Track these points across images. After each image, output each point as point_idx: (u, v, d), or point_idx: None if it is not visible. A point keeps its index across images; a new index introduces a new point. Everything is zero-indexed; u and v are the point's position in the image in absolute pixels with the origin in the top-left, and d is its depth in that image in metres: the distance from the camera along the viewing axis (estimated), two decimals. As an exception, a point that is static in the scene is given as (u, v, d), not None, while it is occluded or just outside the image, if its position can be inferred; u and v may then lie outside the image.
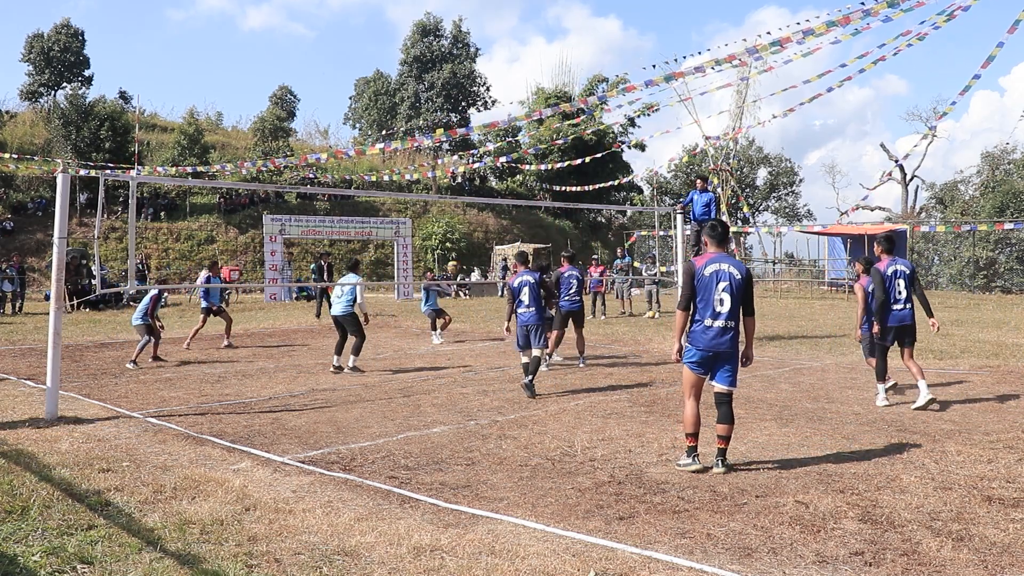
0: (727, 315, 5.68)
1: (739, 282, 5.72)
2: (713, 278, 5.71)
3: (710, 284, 5.70)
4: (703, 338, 5.71)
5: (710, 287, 5.70)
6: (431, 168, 29.85)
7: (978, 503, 4.98)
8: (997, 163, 38.98)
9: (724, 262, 5.77)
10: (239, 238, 37.86)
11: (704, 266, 5.76)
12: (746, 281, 5.75)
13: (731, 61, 12.01)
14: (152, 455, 6.27)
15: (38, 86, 47.77)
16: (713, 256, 5.82)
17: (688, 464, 5.76)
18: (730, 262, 5.79)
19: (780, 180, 57.70)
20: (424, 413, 8.12)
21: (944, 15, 10.96)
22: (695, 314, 5.79)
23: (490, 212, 45.75)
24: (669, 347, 14.04)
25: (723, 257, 5.83)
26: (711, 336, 5.68)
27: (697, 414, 5.85)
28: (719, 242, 5.91)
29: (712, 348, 5.71)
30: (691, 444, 5.82)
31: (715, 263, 5.77)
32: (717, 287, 5.69)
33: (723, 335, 5.69)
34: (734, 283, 5.70)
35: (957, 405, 8.31)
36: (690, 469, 5.72)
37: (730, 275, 5.71)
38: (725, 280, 5.70)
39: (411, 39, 55.55)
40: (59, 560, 4.02)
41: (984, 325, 17.28)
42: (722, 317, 5.68)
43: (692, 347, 5.79)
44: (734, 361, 5.80)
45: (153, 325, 12.16)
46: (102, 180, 8.65)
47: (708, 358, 5.76)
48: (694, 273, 5.78)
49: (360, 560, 4.07)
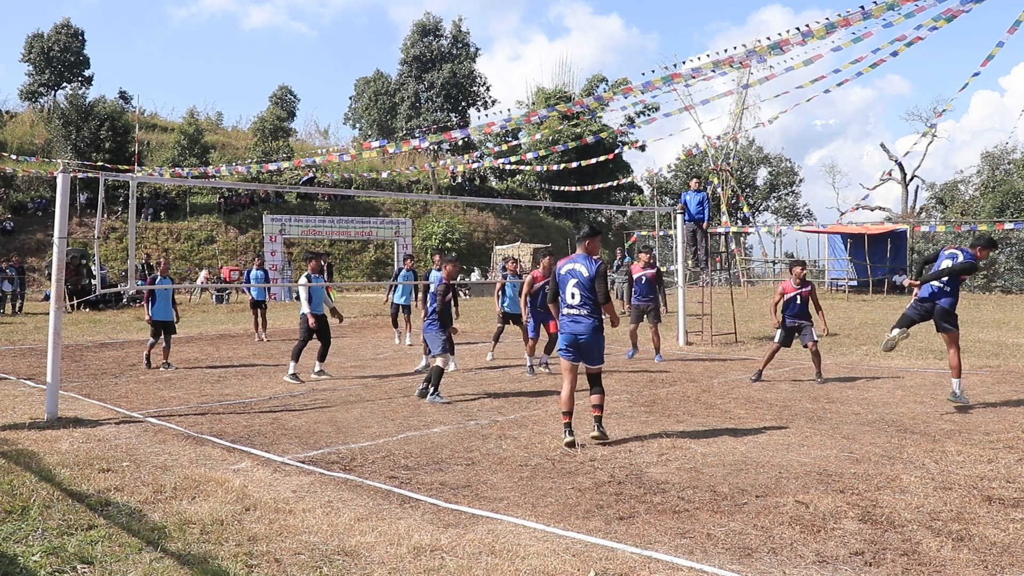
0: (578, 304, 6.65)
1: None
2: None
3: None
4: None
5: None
6: (431, 167, 29.86)
7: (978, 503, 4.98)
8: (997, 163, 38.97)
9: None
10: (239, 238, 37.86)
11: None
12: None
13: (730, 64, 11.98)
14: (152, 455, 6.27)
15: (38, 86, 47.81)
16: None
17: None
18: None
19: (780, 180, 57.73)
20: (424, 413, 8.12)
21: (944, 18, 10.94)
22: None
23: (490, 212, 45.76)
24: (669, 347, 14.10)
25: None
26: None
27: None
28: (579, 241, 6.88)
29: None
30: (566, 421, 6.64)
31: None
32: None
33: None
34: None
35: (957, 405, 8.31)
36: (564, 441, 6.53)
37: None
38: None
39: (411, 39, 55.57)
40: (59, 560, 4.02)
41: (984, 325, 17.28)
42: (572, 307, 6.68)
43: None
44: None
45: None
46: (102, 180, 8.63)
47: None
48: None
49: (360, 560, 4.07)
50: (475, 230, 44.11)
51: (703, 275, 16.24)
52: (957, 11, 10.72)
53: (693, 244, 14.80)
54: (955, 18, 10.94)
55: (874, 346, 13.13)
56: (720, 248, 19.61)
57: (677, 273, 15.91)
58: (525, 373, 10.96)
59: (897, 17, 10.64)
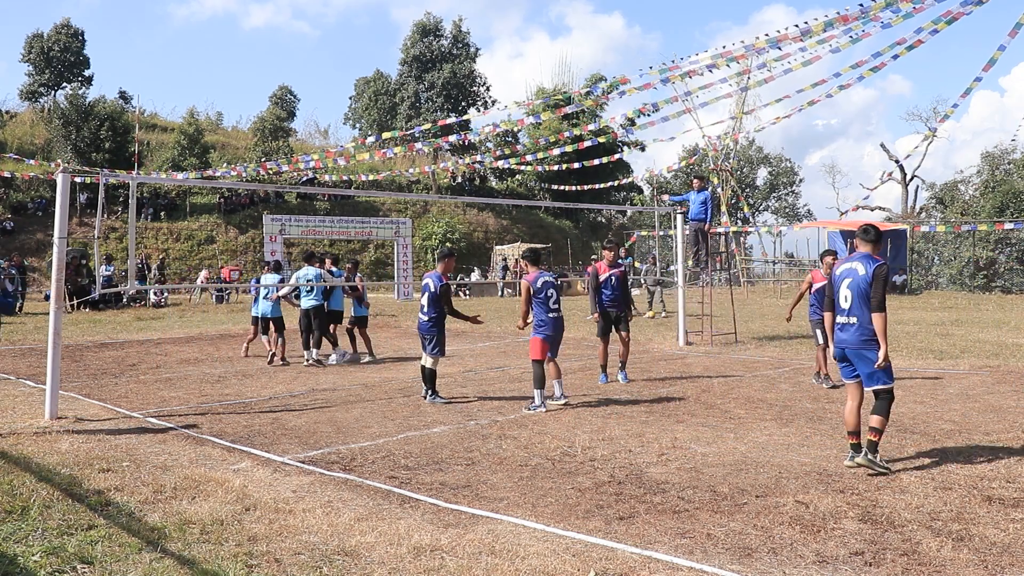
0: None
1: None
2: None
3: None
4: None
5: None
6: (431, 169, 29.85)
7: (978, 503, 4.98)
8: (997, 163, 38.94)
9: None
10: (239, 238, 37.86)
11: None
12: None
13: (727, 58, 11.97)
14: (152, 455, 6.27)
15: (38, 86, 47.77)
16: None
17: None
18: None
19: (780, 180, 57.75)
20: (424, 413, 8.12)
21: (944, 20, 10.94)
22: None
23: (490, 212, 45.75)
24: (669, 347, 14.10)
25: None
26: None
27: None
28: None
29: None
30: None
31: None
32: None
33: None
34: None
35: (957, 405, 8.32)
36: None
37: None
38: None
39: (411, 39, 55.53)
40: (59, 560, 4.02)
41: (984, 325, 17.28)
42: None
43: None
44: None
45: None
46: (102, 180, 8.64)
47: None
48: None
49: (360, 560, 4.07)
50: (475, 230, 44.10)
51: (703, 275, 16.22)
52: (957, 13, 10.73)
53: (695, 244, 14.79)
54: (955, 20, 10.95)
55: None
56: (720, 248, 19.61)
57: (677, 273, 15.92)
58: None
59: (896, 18, 10.64)
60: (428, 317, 8.78)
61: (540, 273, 8.60)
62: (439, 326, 8.79)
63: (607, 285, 10.18)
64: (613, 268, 10.22)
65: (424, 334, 8.83)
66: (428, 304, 8.77)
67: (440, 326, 8.80)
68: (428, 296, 8.80)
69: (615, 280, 10.17)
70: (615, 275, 10.20)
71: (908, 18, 10.69)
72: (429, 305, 8.77)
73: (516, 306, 25.36)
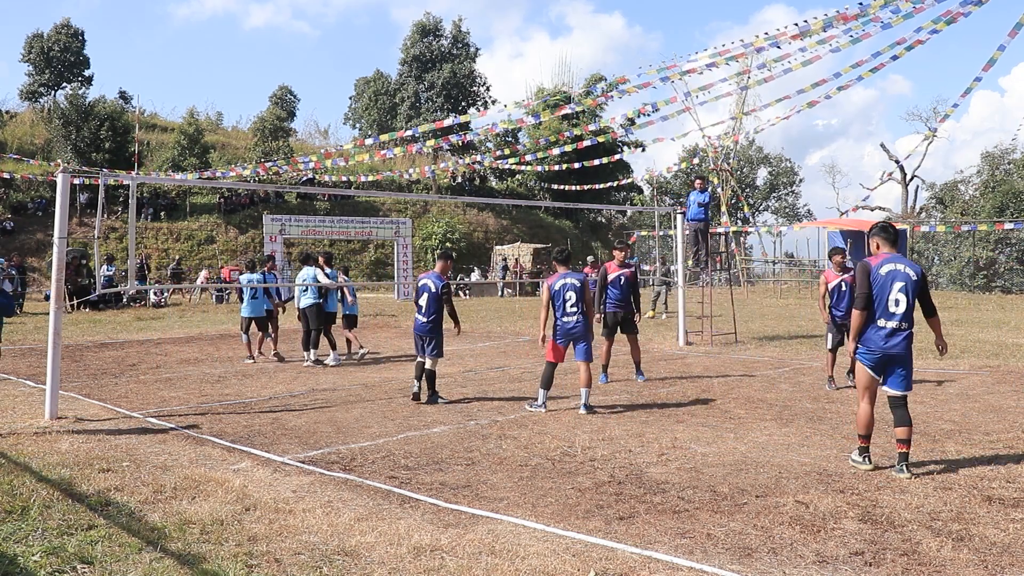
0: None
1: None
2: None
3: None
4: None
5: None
6: (431, 169, 29.84)
7: (978, 503, 4.98)
8: (997, 163, 38.94)
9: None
10: (239, 238, 37.85)
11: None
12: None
13: (726, 56, 11.98)
14: (152, 455, 6.27)
15: (38, 86, 47.76)
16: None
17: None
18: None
19: (780, 180, 57.75)
20: (424, 413, 8.12)
21: (944, 21, 10.94)
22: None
23: (490, 212, 45.74)
24: (669, 347, 14.09)
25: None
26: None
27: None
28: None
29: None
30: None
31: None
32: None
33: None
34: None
35: (957, 405, 8.32)
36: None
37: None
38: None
39: (411, 39, 55.55)
40: (59, 560, 4.02)
41: (984, 325, 17.28)
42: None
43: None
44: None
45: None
46: (102, 180, 8.64)
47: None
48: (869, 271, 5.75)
49: (360, 560, 4.07)
50: (475, 230, 44.09)
51: (703, 275, 16.22)
52: (956, 14, 10.73)
53: (696, 244, 14.78)
54: (955, 21, 10.95)
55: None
56: (720, 248, 19.61)
57: (677, 273, 15.91)
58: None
59: (895, 18, 10.64)
60: (428, 318, 8.74)
61: (561, 275, 8.31)
62: (438, 327, 8.78)
63: (615, 285, 10.05)
64: (623, 268, 10.09)
65: (423, 335, 8.77)
66: (428, 304, 8.73)
67: (439, 327, 8.80)
68: (429, 296, 8.74)
69: (623, 280, 10.03)
70: (624, 276, 10.06)
71: (908, 18, 10.70)
72: (429, 305, 8.73)
73: (516, 306, 25.37)
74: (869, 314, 5.70)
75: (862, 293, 5.72)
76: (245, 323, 12.67)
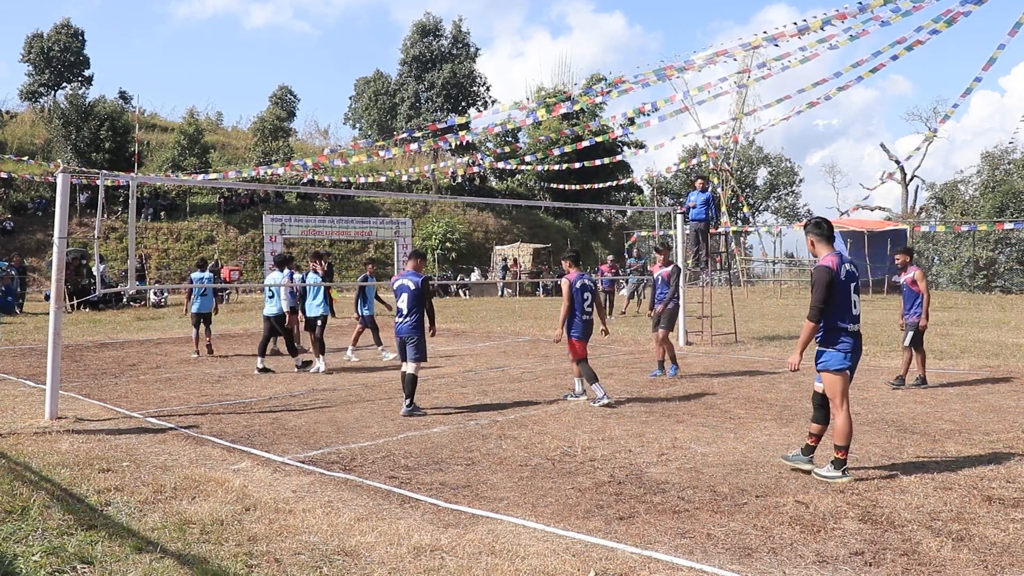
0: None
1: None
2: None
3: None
4: None
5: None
6: (431, 170, 29.85)
7: (978, 503, 4.98)
8: (997, 163, 38.93)
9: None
10: (239, 238, 37.86)
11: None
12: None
13: (722, 56, 11.98)
14: (152, 455, 6.27)
15: (38, 86, 47.77)
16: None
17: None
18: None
19: (780, 180, 57.74)
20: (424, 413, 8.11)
21: (944, 20, 10.94)
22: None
23: (490, 212, 45.76)
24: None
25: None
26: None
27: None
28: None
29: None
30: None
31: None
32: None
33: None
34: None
35: (957, 405, 8.32)
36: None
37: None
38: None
39: (411, 39, 55.56)
40: (59, 560, 4.02)
41: (984, 325, 17.28)
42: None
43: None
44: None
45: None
46: (102, 180, 8.63)
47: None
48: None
49: (360, 560, 4.07)
50: (475, 230, 44.10)
51: (703, 275, 16.22)
52: (956, 13, 10.73)
53: (696, 244, 14.79)
54: (955, 21, 10.95)
55: (874, 346, 13.12)
56: (720, 248, 19.60)
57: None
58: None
59: (894, 16, 10.64)
60: (409, 319, 8.19)
61: (579, 275, 8.66)
62: (420, 328, 8.23)
63: (657, 283, 10.99)
64: (663, 267, 10.96)
65: (405, 337, 8.16)
66: (409, 304, 8.19)
67: (422, 328, 8.25)
68: (408, 296, 8.19)
69: (662, 279, 10.85)
70: (663, 275, 10.87)
71: (907, 16, 10.70)
72: (411, 305, 8.19)
73: (516, 306, 25.37)
74: (832, 321, 5.43)
75: (820, 304, 5.37)
76: (195, 319, 13.10)
